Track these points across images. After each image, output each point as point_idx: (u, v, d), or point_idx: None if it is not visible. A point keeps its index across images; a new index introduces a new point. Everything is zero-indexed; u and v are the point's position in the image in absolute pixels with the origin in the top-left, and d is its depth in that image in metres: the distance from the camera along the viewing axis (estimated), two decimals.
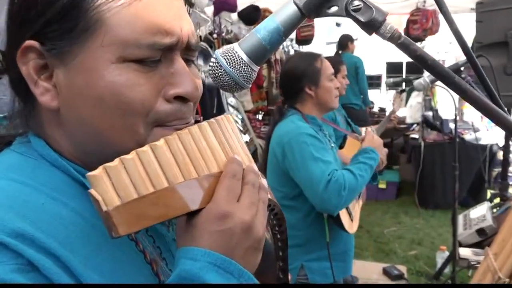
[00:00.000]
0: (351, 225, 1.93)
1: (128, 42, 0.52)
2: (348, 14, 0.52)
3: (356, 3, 0.51)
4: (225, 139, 0.57)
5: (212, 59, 0.56)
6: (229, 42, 5.08)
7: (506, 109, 0.58)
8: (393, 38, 0.52)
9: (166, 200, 0.50)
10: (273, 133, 1.92)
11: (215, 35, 4.77)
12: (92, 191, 0.47)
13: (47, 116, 0.58)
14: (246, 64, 0.55)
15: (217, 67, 0.56)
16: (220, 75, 0.56)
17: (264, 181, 0.59)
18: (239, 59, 0.55)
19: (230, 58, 0.55)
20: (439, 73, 0.51)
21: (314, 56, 1.98)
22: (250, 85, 0.57)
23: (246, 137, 5.00)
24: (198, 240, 0.52)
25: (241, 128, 5.08)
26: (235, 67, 0.55)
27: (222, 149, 0.56)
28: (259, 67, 0.56)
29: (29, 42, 0.54)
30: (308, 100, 1.94)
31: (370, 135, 1.98)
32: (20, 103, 0.61)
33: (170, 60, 0.56)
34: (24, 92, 0.58)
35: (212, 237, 0.51)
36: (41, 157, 0.57)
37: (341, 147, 2.84)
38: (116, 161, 0.49)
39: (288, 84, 1.96)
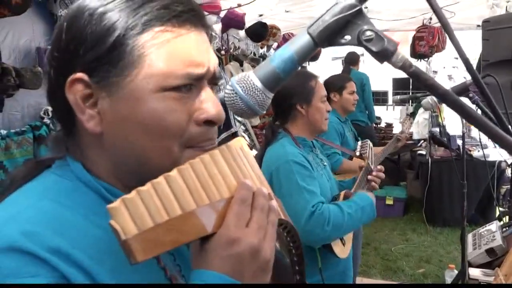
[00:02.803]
0: (342, 250, 1.89)
1: (167, 73, 0.59)
2: (360, 44, 0.54)
3: (368, 33, 0.53)
4: (235, 164, 0.60)
5: (228, 87, 0.58)
6: (236, 58, 5.13)
7: None
8: (405, 67, 0.53)
9: (180, 227, 0.53)
10: (264, 156, 1.89)
11: (223, 52, 4.83)
12: (112, 221, 0.51)
13: (89, 140, 0.64)
14: (260, 91, 0.57)
15: (233, 94, 0.58)
16: (236, 101, 0.58)
17: (273, 203, 0.63)
18: (254, 87, 0.57)
19: (245, 86, 0.57)
20: (451, 102, 0.52)
21: (310, 76, 1.97)
22: (265, 111, 0.59)
23: (253, 152, 5.02)
24: (210, 264, 0.56)
25: (248, 144, 5.09)
26: (250, 94, 0.57)
27: (233, 174, 0.59)
28: (273, 94, 0.58)
29: (78, 75, 0.60)
30: (299, 119, 1.92)
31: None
32: (63, 130, 0.67)
33: (199, 88, 0.63)
34: (66, 119, 0.64)
35: (222, 261, 0.56)
36: (77, 179, 0.64)
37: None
38: (133, 192, 0.52)
39: (280, 100, 1.91)
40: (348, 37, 0.54)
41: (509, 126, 0.67)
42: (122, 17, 0.59)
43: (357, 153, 2.51)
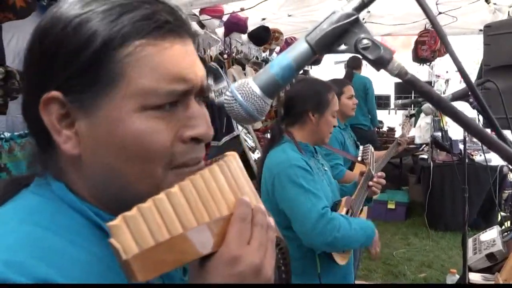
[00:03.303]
0: (342, 256, 1.89)
1: (148, 91, 0.55)
2: (357, 52, 0.55)
3: (365, 41, 0.54)
4: (233, 180, 0.59)
5: (228, 93, 0.59)
6: (239, 62, 5.16)
7: (508, 140, 0.59)
8: (400, 74, 0.55)
9: (181, 246, 0.52)
10: (265, 160, 1.90)
11: (225, 55, 4.85)
12: (112, 240, 0.49)
13: (67, 161, 0.59)
14: (259, 98, 0.58)
15: (232, 100, 0.59)
16: (235, 108, 0.59)
17: (271, 220, 0.61)
18: (253, 93, 0.58)
19: (245, 92, 0.58)
20: (446, 108, 0.54)
21: (329, 88, 1.99)
22: (264, 118, 0.60)
23: (256, 155, 5.02)
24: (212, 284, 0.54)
25: (250, 147, 5.11)
26: (249, 100, 0.58)
27: (231, 190, 0.58)
28: (272, 101, 0.59)
29: (52, 94, 0.55)
30: (307, 126, 1.94)
31: None
32: (39, 148, 0.61)
33: (185, 104, 0.59)
34: (42, 136, 0.59)
35: (224, 281, 0.54)
36: (60, 200, 0.58)
37: (350, 170, 2.85)
38: (134, 210, 0.50)
39: (293, 103, 1.95)
40: (345, 45, 0.56)
41: (506, 131, 0.68)
42: (99, 30, 0.54)
43: (359, 159, 2.52)
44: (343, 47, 0.56)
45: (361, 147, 2.50)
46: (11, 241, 0.51)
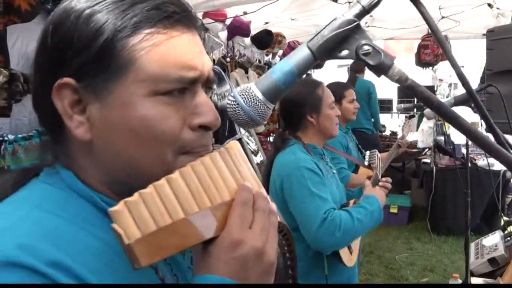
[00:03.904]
0: (350, 258, 1.90)
1: (158, 77, 0.57)
2: (358, 58, 0.55)
3: (365, 47, 0.55)
4: (235, 167, 0.60)
5: (230, 97, 0.60)
6: (241, 65, 5.17)
7: (507, 145, 0.59)
8: (401, 80, 0.55)
9: (183, 231, 0.53)
10: (274, 163, 1.90)
11: (228, 59, 4.86)
12: (114, 225, 0.50)
13: (78, 147, 0.61)
14: (261, 103, 0.59)
15: (235, 104, 0.59)
16: (238, 112, 0.60)
17: (273, 205, 0.62)
18: (256, 98, 0.59)
19: (247, 97, 0.59)
20: (445, 114, 0.54)
21: (316, 84, 1.98)
22: (265, 122, 0.61)
23: (258, 158, 5.03)
24: (214, 268, 0.55)
25: (253, 150, 5.11)
26: (251, 105, 0.59)
27: (233, 176, 0.59)
28: (274, 105, 0.60)
29: (65, 80, 0.57)
30: (310, 128, 1.94)
31: (377, 188, 1.97)
32: (49, 136, 0.64)
33: (193, 92, 0.61)
34: (53, 125, 0.61)
35: (227, 265, 0.54)
36: (69, 188, 0.60)
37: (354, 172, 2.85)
38: (135, 195, 0.51)
39: (289, 111, 1.95)
40: (346, 51, 0.56)
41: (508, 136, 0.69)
42: (110, 19, 0.56)
43: (366, 163, 2.51)
44: (344, 53, 0.57)
45: (367, 152, 2.49)
46: (24, 226, 0.53)
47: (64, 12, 0.58)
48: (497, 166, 4.99)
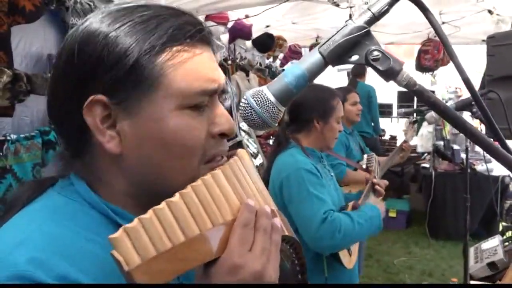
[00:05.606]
0: (349, 260, 1.91)
1: (185, 92, 0.61)
2: (367, 63, 0.57)
3: (375, 53, 0.56)
4: (238, 182, 0.61)
5: (243, 100, 0.62)
6: (242, 68, 5.18)
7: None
8: (409, 85, 0.57)
9: (183, 254, 0.53)
10: (273, 165, 1.92)
11: (229, 61, 4.88)
12: (114, 252, 0.50)
13: (104, 161, 0.63)
14: (273, 105, 0.60)
15: (247, 107, 0.61)
16: (250, 114, 0.61)
17: (276, 220, 0.63)
18: (268, 101, 0.60)
19: (260, 100, 0.61)
20: (452, 118, 0.56)
21: (333, 94, 2.01)
22: (277, 124, 0.62)
23: (258, 161, 5.04)
24: None
25: (252, 153, 5.12)
26: (263, 107, 0.60)
27: (235, 193, 0.60)
28: (284, 108, 0.61)
29: (99, 97, 0.59)
30: (313, 133, 1.96)
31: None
32: (68, 148, 0.66)
33: (212, 102, 0.65)
34: (77, 139, 0.63)
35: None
36: (82, 199, 0.63)
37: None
38: (135, 221, 0.52)
39: (299, 111, 1.97)
40: (356, 57, 0.58)
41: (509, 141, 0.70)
42: (138, 40, 0.59)
43: (364, 166, 2.53)
44: (354, 58, 0.58)
45: (365, 155, 2.51)
46: (37, 239, 0.55)
47: (89, 34, 0.61)
48: (496, 171, 5.01)
